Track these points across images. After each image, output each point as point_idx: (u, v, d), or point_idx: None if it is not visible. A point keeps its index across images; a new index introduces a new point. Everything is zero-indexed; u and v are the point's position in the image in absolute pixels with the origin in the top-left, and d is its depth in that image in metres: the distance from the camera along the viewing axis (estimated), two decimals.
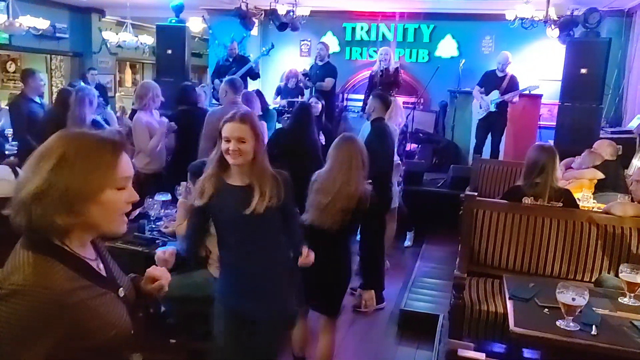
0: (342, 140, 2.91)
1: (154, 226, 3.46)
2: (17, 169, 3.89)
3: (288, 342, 3.01)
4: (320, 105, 5.77)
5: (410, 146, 7.72)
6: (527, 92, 6.64)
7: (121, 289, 1.38)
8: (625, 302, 2.49)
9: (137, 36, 10.85)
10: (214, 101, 7.41)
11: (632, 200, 3.90)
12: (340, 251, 2.85)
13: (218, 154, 2.19)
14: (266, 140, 3.07)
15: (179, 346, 3.29)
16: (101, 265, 1.34)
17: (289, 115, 7.32)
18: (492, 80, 6.71)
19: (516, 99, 6.57)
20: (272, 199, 2.15)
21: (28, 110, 5.26)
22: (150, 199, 3.58)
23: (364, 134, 4.76)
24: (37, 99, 5.50)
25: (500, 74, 6.68)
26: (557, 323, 2.22)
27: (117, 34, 10.65)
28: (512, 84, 6.60)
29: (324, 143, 4.99)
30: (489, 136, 6.88)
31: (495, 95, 6.59)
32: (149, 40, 10.88)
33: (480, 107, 6.74)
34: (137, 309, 3.37)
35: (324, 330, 2.96)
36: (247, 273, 2.27)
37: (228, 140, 2.13)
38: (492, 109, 6.60)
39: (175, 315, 3.24)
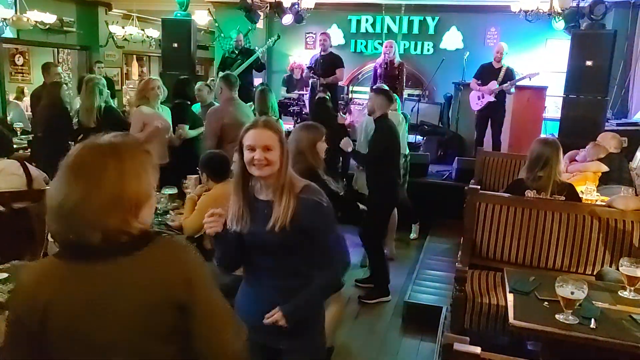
0: None
1: (161, 220, 3.51)
2: (25, 163, 3.96)
3: None
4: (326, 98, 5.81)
5: (415, 138, 7.74)
6: (527, 79, 6.61)
7: None
8: (625, 296, 2.51)
9: (143, 29, 10.91)
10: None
11: (637, 194, 3.92)
12: None
13: (240, 169, 1.94)
14: None
15: None
16: None
17: (294, 108, 7.36)
18: (488, 72, 6.66)
19: (513, 89, 6.55)
20: (296, 217, 1.87)
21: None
22: (157, 193, 3.64)
23: (366, 128, 4.79)
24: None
25: (496, 65, 6.65)
26: (557, 316, 2.25)
27: (123, 28, 10.71)
28: (509, 75, 6.59)
29: None
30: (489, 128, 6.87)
31: (493, 86, 6.59)
32: (155, 33, 10.93)
33: (479, 99, 6.72)
34: None
35: (334, 300, 3.03)
36: (269, 295, 1.98)
37: (252, 149, 1.87)
38: (491, 99, 6.59)
39: None
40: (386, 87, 4.80)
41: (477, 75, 6.77)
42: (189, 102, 5.27)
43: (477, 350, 1.44)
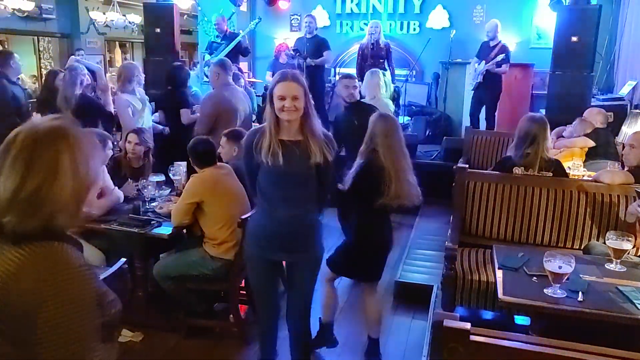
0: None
1: (148, 207, 3.49)
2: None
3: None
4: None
5: (404, 119, 7.72)
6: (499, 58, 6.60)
7: None
8: (611, 269, 2.55)
9: (124, 15, 10.71)
10: (205, 79, 7.36)
11: (623, 167, 3.95)
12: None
13: (272, 114, 2.32)
14: None
15: (178, 324, 3.35)
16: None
17: None
18: (484, 51, 6.70)
19: (504, 67, 6.53)
20: (322, 155, 2.35)
21: (12, 92, 5.16)
22: (144, 180, 3.61)
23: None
24: (17, 82, 5.44)
25: (491, 44, 6.65)
26: (545, 290, 2.28)
27: (104, 14, 10.52)
28: (503, 53, 6.57)
29: None
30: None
31: (482, 65, 6.59)
32: (137, 19, 10.75)
33: (473, 80, 6.74)
34: (136, 288, 3.44)
35: (369, 295, 3.12)
36: (282, 220, 2.42)
37: (283, 98, 2.27)
38: (480, 79, 6.59)
39: (175, 294, 3.30)
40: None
41: (477, 54, 6.77)
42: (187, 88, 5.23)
43: (467, 326, 1.45)
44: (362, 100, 4.56)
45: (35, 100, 6.68)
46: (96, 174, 1.26)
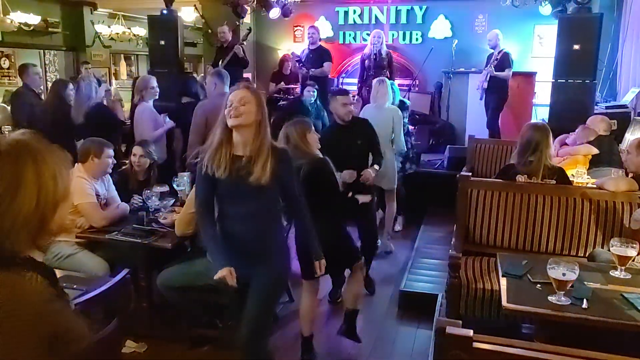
0: None
1: (152, 217, 3.50)
2: None
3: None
4: (314, 92, 5.81)
5: (407, 128, 7.72)
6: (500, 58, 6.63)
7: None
8: (616, 275, 2.53)
9: (129, 28, 10.81)
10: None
11: (627, 174, 3.94)
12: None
13: (223, 125, 2.30)
14: None
15: (182, 334, 3.35)
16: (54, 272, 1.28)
17: (284, 102, 7.34)
18: (489, 59, 6.73)
19: (506, 72, 6.56)
20: (273, 171, 2.28)
21: (31, 101, 5.39)
22: (148, 191, 3.62)
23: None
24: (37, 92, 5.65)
25: (496, 53, 6.67)
26: (549, 298, 2.27)
27: (109, 27, 10.62)
28: (502, 61, 6.61)
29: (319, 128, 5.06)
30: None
31: (483, 73, 6.62)
32: (141, 31, 10.84)
33: (477, 89, 6.76)
34: (140, 299, 3.44)
35: (354, 275, 3.34)
36: (243, 240, 2.39)
37: (230, 105, 2.27)
38: (484, 86, 6.62)
39: (179, 304, 3.30)
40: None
41: (485, 65, 6.83)
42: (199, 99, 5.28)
43: (470, 332, 1.44)
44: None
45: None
46: (65, 191, 1.20)
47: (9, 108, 8.20)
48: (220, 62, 6.70)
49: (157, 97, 4.89)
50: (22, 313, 1.09)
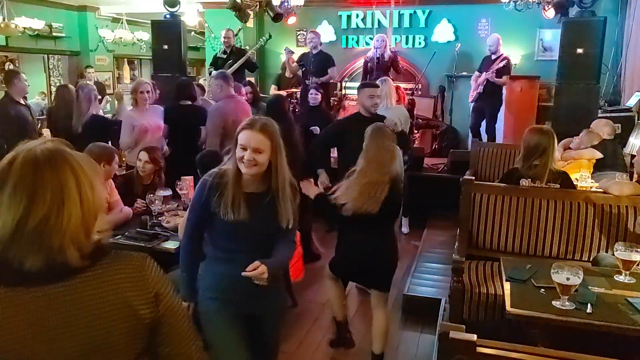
0: (376, 130, 3.03)
1: (156, 221, 3.50)
2: None
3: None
4: (319, 96, 5.77)
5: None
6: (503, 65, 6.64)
7: None
8: (620, 280, 2.52)
9: (133, 33, 10.85)
10: (210, 95, 7.40)
11: (631, 178, 3.93)
12: (387, 231, 3.08)
13: (234, 164, 2.09)
14: None
15: None
16: None
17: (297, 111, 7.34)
18: (486, 64, 6.72)
19: (505, 79, 6.57)
20: (292, 210, 2.13)
21: (15, 112, 5.14)
22: (152, 195, 3.63)
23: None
24: (22, 101, 5.31)
25: (493, 57, 6.68)
26: (553, 303, 2.26)
27: (113, 31, 10.66)
28: (505, 67, 6.61)
29: (318, 133, 5.05)
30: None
31: (481, 77, 6.61)
32: (145, 36, 10.88)
33: (472, 90, 6.76)
34: None
35: (378, 305, 3.11)
36: (245, 281, 2.05)
37: (244, 149, 2.04)
38: (480, 90, 6.62)
39: None
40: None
41: (479, 68, 6.82)
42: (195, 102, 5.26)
43: (473, 337, 1.44)
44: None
45: (45, 116, 6.75)
46: (101, 199, 1.18)
47: None
48: (230, 67, 6.69)
49: (149, 102, 4.82)
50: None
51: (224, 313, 2.18)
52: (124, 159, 3.94)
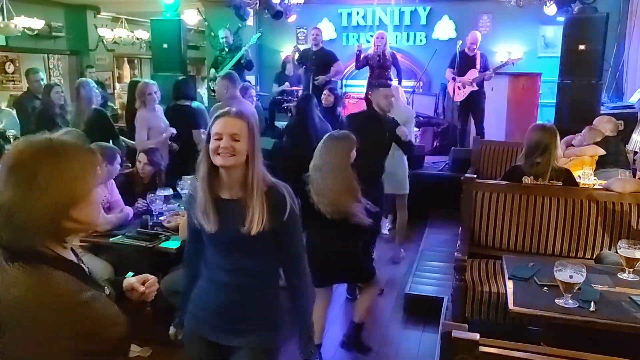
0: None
1: (156, 221, 3.50)
2: None
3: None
4: (332, 98, 5.63)
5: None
6: (510, 65, 6.61)
7: (105, 287, 1.34)
8: (624, 278, 2.50)
9: (132, 32, 10.84)
10: (212, 94, 7.39)
11: (634, 175, 3.90)
12: (350, 230, 3.02)
13: (206, 162, 1.83)
14: None
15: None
16: (83, 266, 1.31)
17: (288, 105, 7.32)
18: (464, 61, 6.63)
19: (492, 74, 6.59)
20: (269, 218, 1.81)
21: (32, 106, 5.41)
22: (152, 194, 3.62)
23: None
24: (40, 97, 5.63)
25: (470, 53, 6.63)
26: (556, 301, 2.24)
27: (112, 30, 10.66)
28: (486, 62, 6.59)
29: None
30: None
31: (474, 74, 6.55)
32: (145, 35, 10.88)
33: (459, 89, 6.67)
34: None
35: (368, 289, 3.35)
36: (228, 296, 1.91)
37: (220, 138, 1.79)
38: (474, 87, 6.58)
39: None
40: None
41: (452, 65, 6.71)
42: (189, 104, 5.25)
43: (476, 336, 1.42)
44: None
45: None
46: (86, 192, 1.19)
47: (14, 112, 8.26)
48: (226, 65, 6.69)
49: (157, 102, 4.87)
50: (47, 311, 1.09)
51: (199, 339, 1.97)
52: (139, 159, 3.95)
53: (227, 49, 7.16)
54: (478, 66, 6.53)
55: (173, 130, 4.83)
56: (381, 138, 4.05)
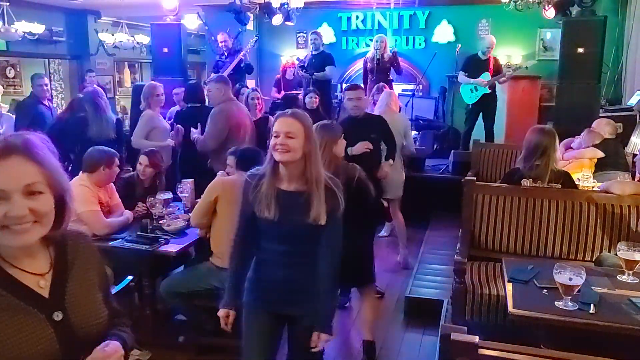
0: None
1: (156, 224, 3.50)
2: None
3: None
4: (315, 99, 5.74)
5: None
6: (522, 68, 6.65)
7: (57, 312, 1.19)
8: (623, 280, 2.50)
9: (133, 36, 10.86)
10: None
11: (633, 178, 3.90)
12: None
13: (270, 157, 2.08)
14: None
15: (187, 343, 3.34)
16: (45, 283, 1.20)
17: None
18: (477, 64, 6.64)
19: (505, 78, 6.58)
20: (327, 211, 2.06)
21: (35, 111, 5.42)
22: (152, 198, 3.62)
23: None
24: (46, 102, 5.70)
25: (483, 58, 6.64)
26: (556, 303, 2.24)
27: (113, 35, 10.68)
28: (498, 66, 6.60)
29: None
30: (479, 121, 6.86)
31: (486, 77, 6.56)
32: (145, 39, 10.90)
33: (472, 92, 6.70)
34: (144, 306, 3.43)
35: (367, 301, 3.23)
36: (284, 273, 2.15)
37: (277, 136, 2.03)
38: (487, 90, 6.59)
39: (183, 311, 3.29)
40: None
41: (464, 68, 6.73)
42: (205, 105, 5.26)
43: (475, 339, 1.42)
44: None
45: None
46: None
47: (13, 117, 8.27)
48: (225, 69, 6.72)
49: (162, 104, 4.93)
50: None
51: (260, 312, 2.23)
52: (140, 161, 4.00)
53: (226, 53, 7.17)
54: (491, 70, 6.55)
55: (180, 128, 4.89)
56: (367, 140, 3.99)
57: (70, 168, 4.26)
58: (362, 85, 6.81)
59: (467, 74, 6.60)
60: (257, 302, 2.23)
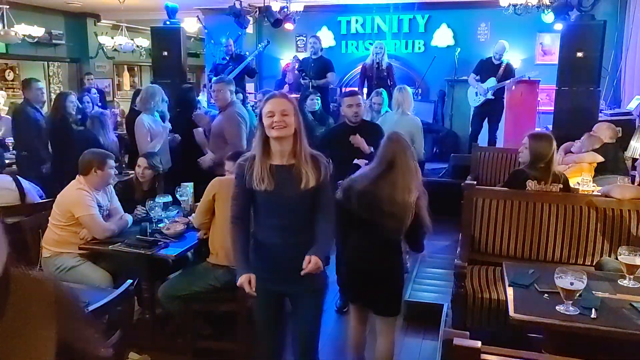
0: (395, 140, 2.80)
1: (155, 228, 3.48)
2: (18, 177, 3.95)
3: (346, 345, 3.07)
4: (317, 101, 5.76)
5: None
6: (526, 77, 6.66)
7: None
8: (624, 284, 2.50)
9: (133, 39, 10.87)
10: (212, 101, 7.40)
11: (633, 182, 3.90)
12: (393, 251, 2.78)
13: (261, 136, 2.26)
14: None
15: (185, 346, 3.32)
16: None
17: None
18: (488, 68, 6.71)
19: (514, 86, 6.57)
20: (315, 178, 2.26)
21: (34, 117, 5.36)
22: (152, 201, 3.61)
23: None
24: (39, 107, 5.57)
25: (496, 62, 6.68)
26: (557, 308, 2.23)
27: (112, 38, 10.69)
28: (509, 72, 6.62)
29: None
30: (485, 124, 6.88)
31: (492, 82, 6.59)
32: (145, 42, 10.91)
33: (476, 95, 6.74)
34: (143, 310, 3.42)
35: (384, 332, 2.81)
36: (281, 251, 2.32)
37: (272, 114, 2.21)
38: (489, 96, 6.61)
39: (180, 314, 3.27)
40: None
41: (476, 71, 6.79)
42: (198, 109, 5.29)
43: (478, 344, 1.42)
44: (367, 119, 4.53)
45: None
46: None
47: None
48: (230, 73, 6.72)
49: (163, 108, 4.90)
50: None
51: (263, 292, 2.34)
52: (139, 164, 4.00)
53: (228, 57, 7.19)
54: (499, 75, 6.57)
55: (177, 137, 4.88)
56: (351, 147, 3.93)
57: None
58: (358, 88, 6.91)
59: (478, 77, 6.65)
60: (258, 282, 2.31)
